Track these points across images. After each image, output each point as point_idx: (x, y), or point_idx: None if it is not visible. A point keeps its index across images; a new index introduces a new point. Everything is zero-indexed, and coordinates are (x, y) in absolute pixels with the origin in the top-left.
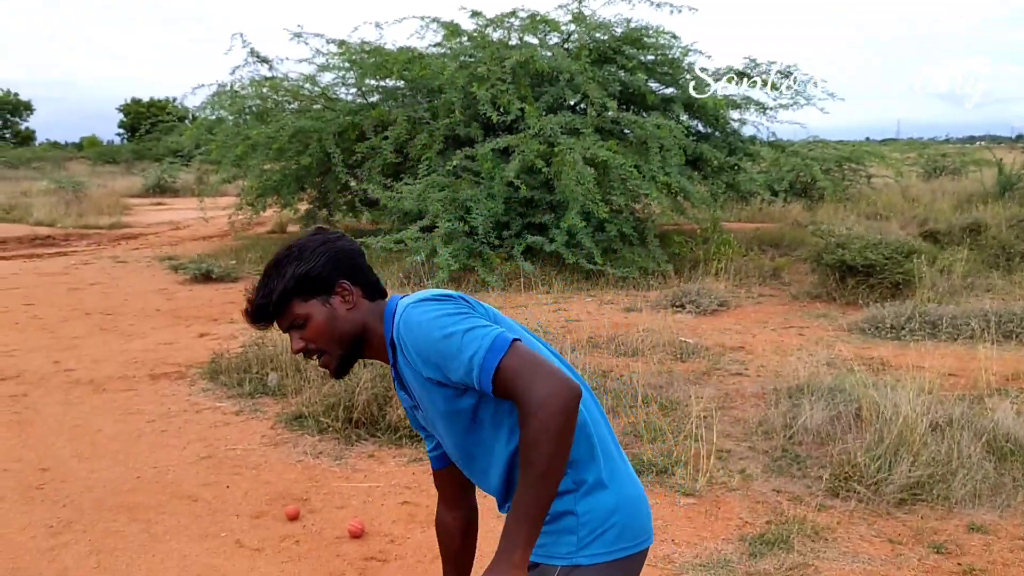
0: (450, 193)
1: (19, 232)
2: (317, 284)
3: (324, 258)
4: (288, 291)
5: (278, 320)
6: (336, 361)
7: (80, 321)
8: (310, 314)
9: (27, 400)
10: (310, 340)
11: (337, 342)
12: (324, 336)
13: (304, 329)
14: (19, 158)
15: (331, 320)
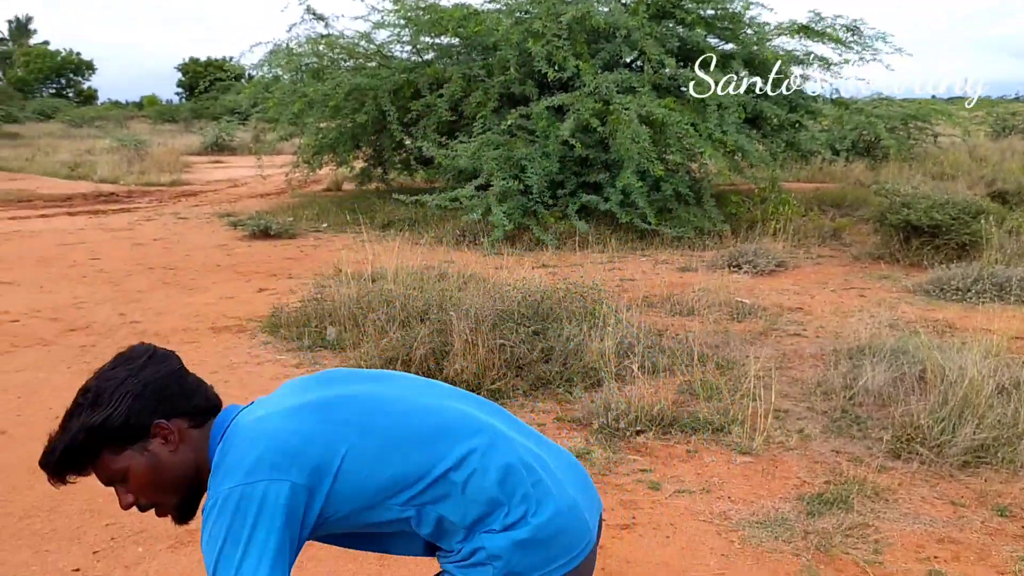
0: (505, 152)
1: (84, 189)
2: (125, 433)
3: (130, 399)
4: (77, 447)
5: (91, 474)
6: (174, 510)
7: (144, 275)
8: (128, 467)
9: (95, 351)
10: (136, 494)
11: (169, 491)
12: (150, 488)
13: (129, 484)
14: (82, 117)
15: (154, 470)
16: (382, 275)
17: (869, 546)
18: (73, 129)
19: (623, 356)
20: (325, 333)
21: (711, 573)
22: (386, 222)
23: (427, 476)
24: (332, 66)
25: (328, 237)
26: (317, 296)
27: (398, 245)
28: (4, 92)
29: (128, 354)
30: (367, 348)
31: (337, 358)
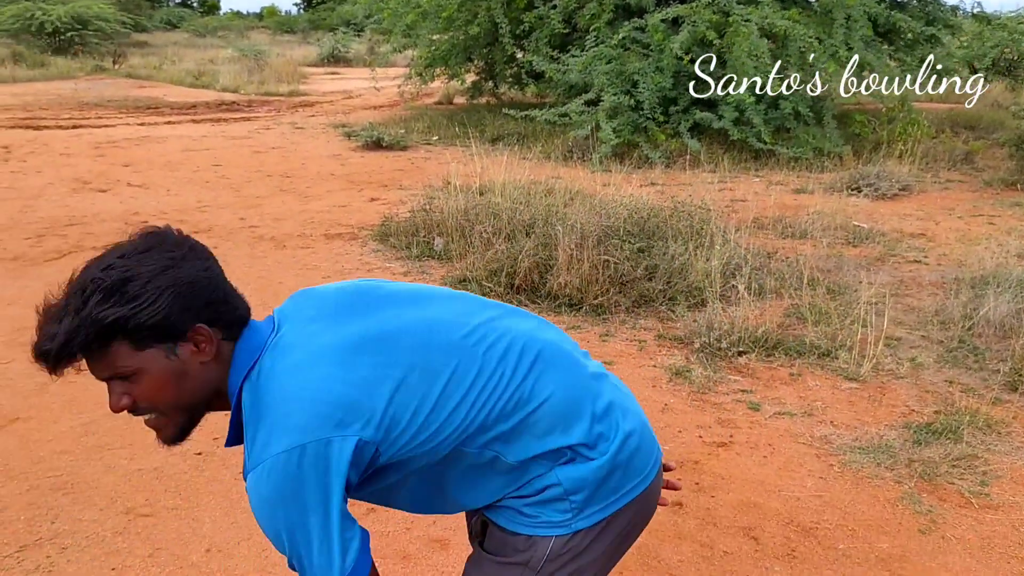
0: (617, 66)
1: (207, 97)
2: (156, 331)
3: (170, 296)
4: (88, 338)
5: (92, 366)
6: (173, 428)
7: (262, 182)
8: (143, 368)
9: (217, 252)
10: (142, 400)
11: (183, 405)
12: (164, 397)
13: (133, 384)
14: (206, 27)
15: (177, 378)
16: (490, 188)
17: (976, 477)
18: (197, 39)
19: (729, 277)
20: (433, 243)
21: (807, 494)
22: (495, 136)
23: (504, 415)
24: None
25: (438, 150)
26: (426, 207)
27: (506, 159)
28: (133, 1)
29: (162, 239)
30: (473, 259)
31: (444, 268)
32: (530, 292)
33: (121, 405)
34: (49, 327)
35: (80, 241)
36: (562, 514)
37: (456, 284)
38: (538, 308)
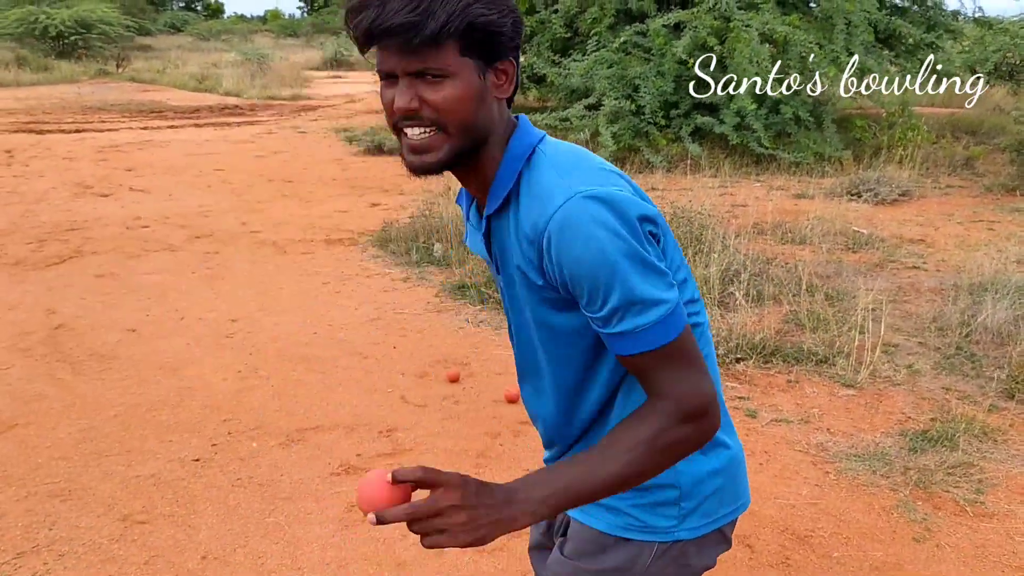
0: (619, 70)
1: (210, 101)
2: (489, 44)
3: (512, 17)
4: (456, 26)
5: (404, 55)
6: (448, 152)
7: (264, 187)
8: (458, 74)
9: (219, 257)
10: (438, 107)
11: (466, 130)
12: (459, 114)
13: (435, 88)
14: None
15: (477, 99)
16: None
17: (972, 485)
18: (201, 42)
19: (728, 283)
20: (432, 249)
21: (803, 501)
22: None
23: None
24: None
25: None
26: (425, 213)
27: None
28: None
29: None
30: (472, 265)
31: (443, 274)
32: None
33: (411, 106)
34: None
35: (81, 246)
36: (667, 520)
37: (455, 291)
38: None
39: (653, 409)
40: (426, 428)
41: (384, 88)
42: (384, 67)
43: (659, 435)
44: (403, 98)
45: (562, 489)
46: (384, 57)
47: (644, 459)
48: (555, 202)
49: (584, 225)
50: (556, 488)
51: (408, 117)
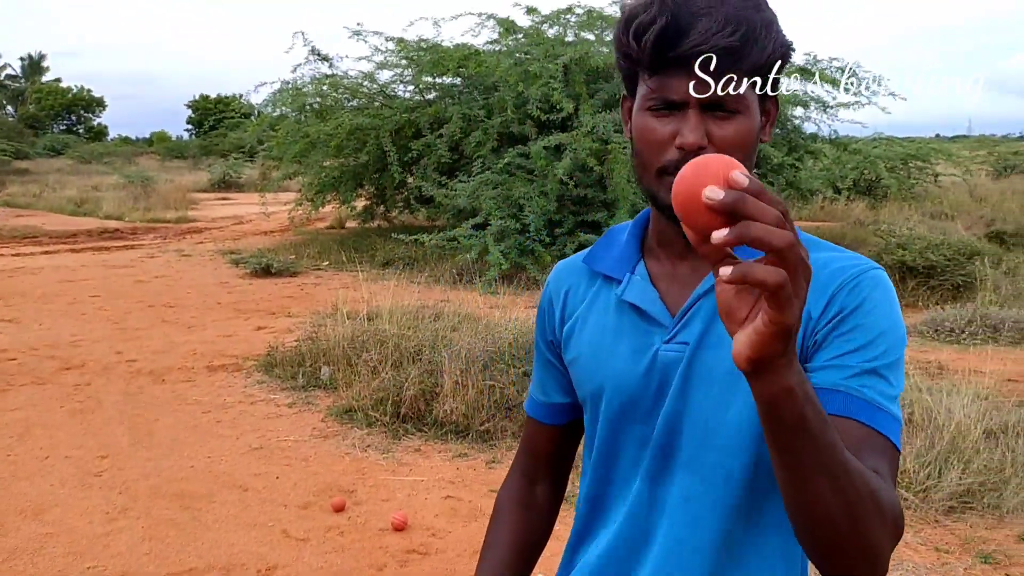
0: (503, 191)
1: (89, 225)
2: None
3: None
4: (774, 58)
5: (699, 78)
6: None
7: (143, 313)
8: (748, 110)
9: (90, 389)
10: (725, 145)
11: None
12: (738, 155)
13: (726, 123)
14: (91, 153)
15: (754, 141)
16: (378, 314)
17: None
18: (82, 165)
19: None
20: (319, 373)
21: None
22: (386, 260)
23: None
24: (336, 105)
25: (329, 275)
26: (312, 335)
27: (395, 284)
28: (15, 129)
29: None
30: (359, 388)
31: (330, 398)
32: (416, 420)
33: (699, 141)
34: (732, 22)
35: None
36: None
37: (342, 414)
38: (424, 436)
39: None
40: (308, 563)
41: (652, 119)
42: (671, 94)
43: (886, 497)
44: (695, 132)
45: (806, 396)
46: (675, 83)
47: (861, 487)
48: (860, 264)
49: (887, 285)
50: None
51: (691, 155)
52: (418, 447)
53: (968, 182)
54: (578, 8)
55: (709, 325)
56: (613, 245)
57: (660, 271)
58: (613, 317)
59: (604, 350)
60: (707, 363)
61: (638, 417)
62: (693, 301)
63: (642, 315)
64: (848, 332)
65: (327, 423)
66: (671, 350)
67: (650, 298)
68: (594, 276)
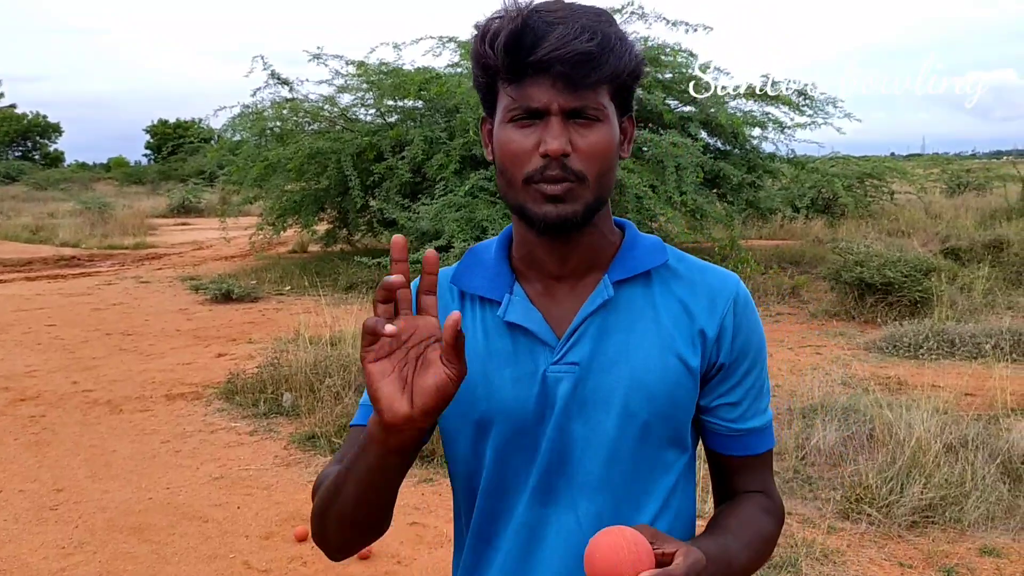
0: (467, 213)
1: (44, 253)
2: (629, 93)
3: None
4: (628, 67)
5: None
6: (584, 206)
7: (100, 342)
8: (607, 119)
9: (45, 421)
10: (587, 154)
11: (602, 185)
12: (603, 164)
13: (587, 131)
14: (47, 179)
15: (616, 151)
16: (341, 339)
17: None
18: (37, 192)
19: None
20: (281, 399)
21: None
22: (349, 284)
23: None
24: (297, 129)
25: (291, 300)
26: (274, 362)
27: (358, 308)
28: None
29: None
30: (322, 415)
31: (292, 424)
32: None
33: (562, 148)
34: (588, 30)
35: None
36: None
37: (305, 441)
38: None
39: (773, 506)
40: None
41: (514, 130)
42: (531, 102)
43: (776, 534)
44: (558, 139)
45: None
46: (535, 92)
47: (764, 555)
48: (732, 278)
49: (749, 300)
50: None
51: (556, 165)
52: None
53: (923, 199)
54: None
55: (598, 345)
56: (481, 265)
57: (536, 291)
58: (495, 341)
59: (488, 377)
60: (599, 385)
61: (526, 443)
62: (580, 321)
63: (527, 336)
64: (746, 372)
65: (289, 451)
66: (560, 371)
67: (535, 318)
68: (465, 297)
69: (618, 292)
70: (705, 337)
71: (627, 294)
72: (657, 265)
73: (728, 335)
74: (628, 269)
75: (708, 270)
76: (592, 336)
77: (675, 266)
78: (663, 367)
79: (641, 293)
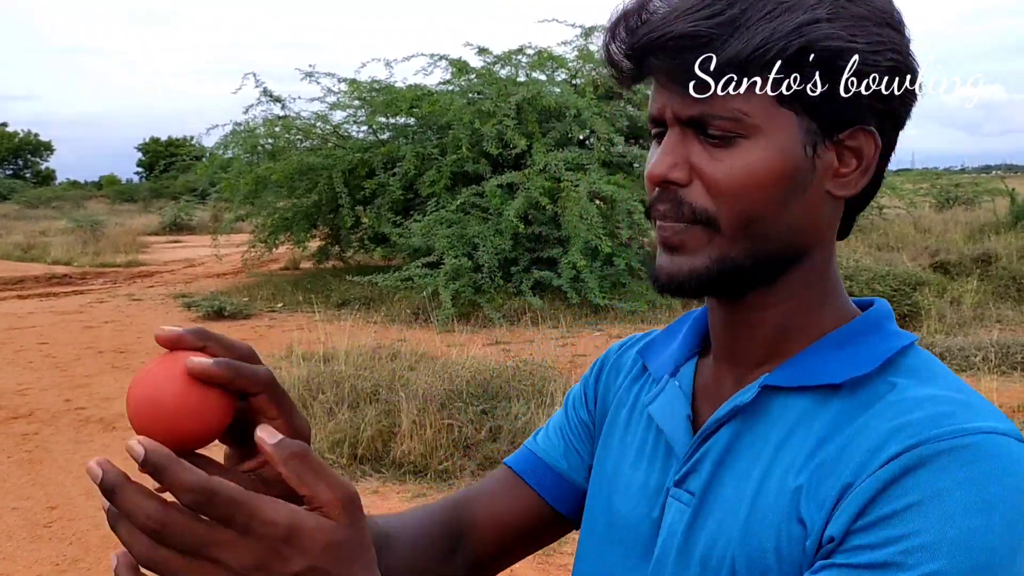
0: (458, 229)
1: (36, 271)
2: (832, 94)
3: (893, 58)
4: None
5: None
6: (713, 261)
7: (93, 359)
8: (762, 132)
9: (38, 439)
10: (716, 186)
11: (754, 232)
12: (742, 200)
13: (725, 151)
14: (39, 198)
15: (787, 183)
16: (334, 355)
17: None
18: (28, 210)
19: None
20: None
21: None
22: (341, 301)
23: None
24: (288, 147)
25: (283, 317)
26: None
27: (351, 324)
28: None
29: None
30: (315, 430)
31: None
32: (374, 461)
33: (671, 175)
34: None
35: None
36: None
37: None
38: (382, 478)
39: None
40: None
41: (653, 146)
42: (652, 110)
43: None
44: (662, 161)
45: None
46: (656, 94)
47: None
48: (954, 421)
49: (998, 473)
50: None
51: (664, 195)
52: (376, 488)
53: (912, 214)
54: (529, 49)
55: (716, 476)
56: (677, 332)
57: (704, 377)
58: (641, 432)
59: (621, 476)
60: (706, 536)
61: (634, 556)
62: (705, 434)
63: (663, 436)
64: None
65: None
66: (679, 497)
67: (675, 416)
68: (643, 371)
69: (768, 402)
70: (842, 499)
71: (780, 408)
72: (843, 380)
73: (877, 508)
74: (793, 376)
75: (923, 404)
76: (713, 460)
77: (877, 386)
78: (780, 535)
79: (801, 412)
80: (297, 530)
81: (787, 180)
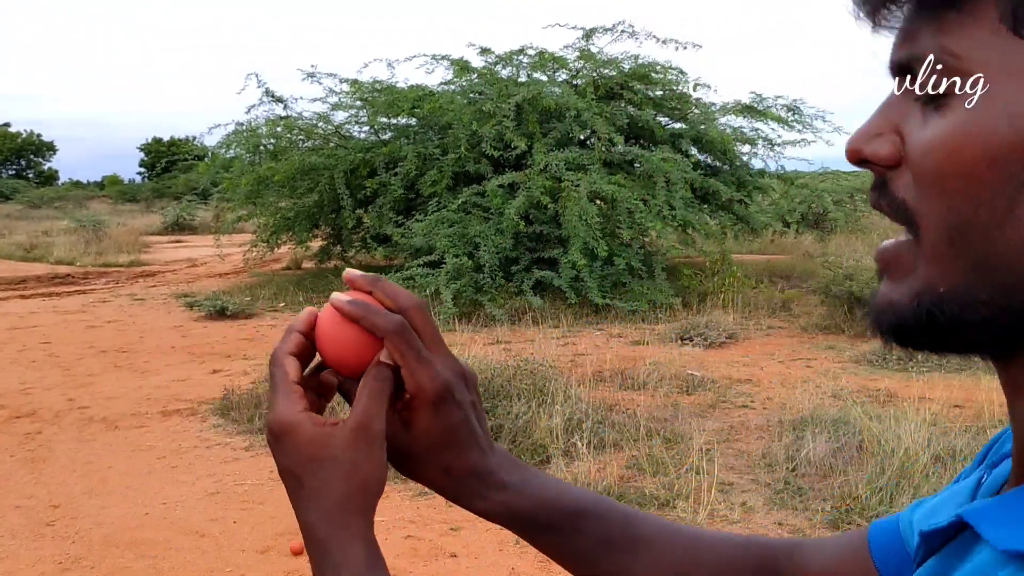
0: (459, 229)
1: (39, 271)
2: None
3: None
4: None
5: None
6: (913, 292)
7: (95, 359)
8: (978, 82)
9: (41, 438)
10: (920, 168)
11: (969, 250)
12: (948, 192)
13: (938, 114)
14: (41, 198)
15: (1006, 163)
16: None
17: None
18: (31, 210)
19: (571, 432)
20: None
21: None
22: None
23: None
24: (291, 147)
25: (285, 316)
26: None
27: None
28: None
29: None
30: None
31: None
32: None
33: (868, 150)
34: None
35: None
36: None
37: None
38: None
39: None
40: None
41: None
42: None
43: None
44: (868, 126)
45: None
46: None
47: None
48: None
49: None
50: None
51: (875, 180)
52: None
53: None
54: (530, 50)
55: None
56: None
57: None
58: None
59: None
60: None
61: None
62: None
63: None
64: None
65: None
66: None
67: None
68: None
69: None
70: None
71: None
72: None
73: None
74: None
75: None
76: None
77: None
78: None
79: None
80: (287, 433)
81: (1006, 144)
